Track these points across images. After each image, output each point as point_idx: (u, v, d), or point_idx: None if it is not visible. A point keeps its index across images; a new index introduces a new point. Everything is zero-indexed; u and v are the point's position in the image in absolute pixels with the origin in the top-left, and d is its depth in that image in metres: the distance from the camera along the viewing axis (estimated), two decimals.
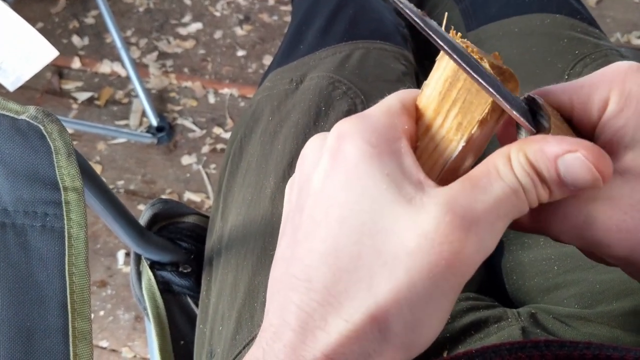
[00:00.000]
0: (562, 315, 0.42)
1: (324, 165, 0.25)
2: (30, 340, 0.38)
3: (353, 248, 0.23)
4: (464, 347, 0.40)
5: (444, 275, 0.23)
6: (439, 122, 0.25)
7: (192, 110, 1.28)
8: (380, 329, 0.23)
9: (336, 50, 0.55)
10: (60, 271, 0.39)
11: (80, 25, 1.41)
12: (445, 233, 0.22)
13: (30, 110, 0.40)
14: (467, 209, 0.23)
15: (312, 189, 0.25)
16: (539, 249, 0.46)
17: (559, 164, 0.23)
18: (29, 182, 0.40)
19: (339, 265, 0.23)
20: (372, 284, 0.23)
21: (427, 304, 0.23)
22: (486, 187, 0.23)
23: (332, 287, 0.23)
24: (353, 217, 0.23)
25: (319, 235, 0.24)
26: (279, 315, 0.24)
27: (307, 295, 0.24)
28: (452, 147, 0.25)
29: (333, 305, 0.23)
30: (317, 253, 0.24)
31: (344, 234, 0.23)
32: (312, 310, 0.23)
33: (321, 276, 0.23)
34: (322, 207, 0.24)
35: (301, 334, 0.23)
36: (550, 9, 0.59)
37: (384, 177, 0.23)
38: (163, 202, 0.55)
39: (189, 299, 0.54)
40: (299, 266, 0.24)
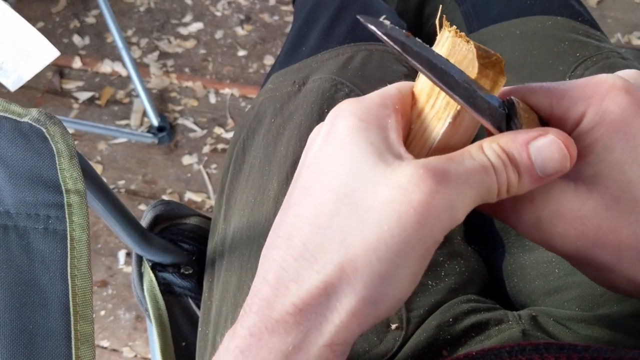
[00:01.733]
0: (562, 318, 0.42)
1: (318, 141, 0.27)
2: (33, 343, 0.38)
3: (332, 206, 0.25)
4: (464, 349, 0.40)
5: (413, 225, 0.24)
6: (430, 104, 0.27)
7: (193, 110, 1.28)
8: (348, 280, 0.24)
9: (339, 52, 0.55)
10: (62, 274, 0.39)
11: (81, 25, 1.41)
12: (415, 182, 0.24)
13: (33, 112, 0.40)
14: (439, 168, 0.24)
15: (306, 162, 0.27)
16: (540, 251, 0.46)
17: (530, 147, 0.25)
18: (32, 185, 0.40)
19: (317, 223, 0.25)
20: (345, 238, 0.24)
21: (396, 256, 0.24)
22: (458, 160, 0.25)
23: (308, 243, 0.25)
24: (336, 180, 0.25)
25: (306, 199, 0.26)
26: (261, 276, 0.26)
27: (285, 251, 0.25)
28: (439, 125, 0.27)
29: (308, 259, 0.24)
30: (301, 215, 0.25)
31: (326, 195, 0.25)
32: (288, 265, 0.25)
33: (300, 233, 0.25)
34: (313, 175, 0.26)
35: (275, 288, 0.25)
36: (551, 11, 0.59)
37: (368, 145, 0.25)
38: (165, 203, 0.55)
39: (190, 300, 0.54)
40: (284, 227, 0.26)
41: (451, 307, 0.42)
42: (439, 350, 0.40)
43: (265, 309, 0.25)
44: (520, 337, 0.39)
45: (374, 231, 0.24)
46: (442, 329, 0.40)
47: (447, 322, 0.41)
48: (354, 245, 0.24)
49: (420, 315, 0.41)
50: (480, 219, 0.53)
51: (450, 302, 0.43)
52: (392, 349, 0.40)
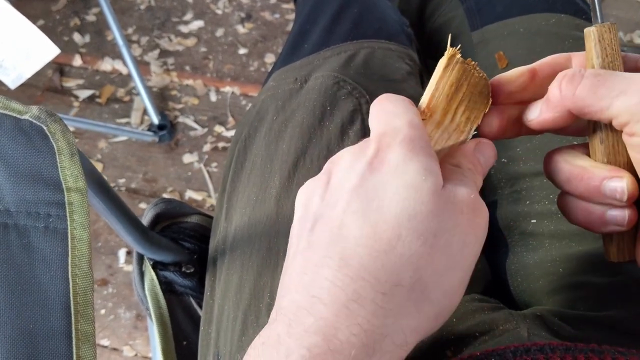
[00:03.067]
0: (567, 317, 0.41)
1: (361, 168, 0.27)
2: (33, 343, 0.37)
3: (392, 231, 0.25)
4: (468, 349, 0.40)
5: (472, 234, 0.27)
6: (448, 118, 0.31)
7: (193, 108, 1.28)
8: (417, 300, 0.24)
9: (341, 49, 0.55)
10: (63, 273, 0.39)
11: (82, 23, 1.41)
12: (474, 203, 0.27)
13: (33, 110, 0.39)
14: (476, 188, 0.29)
15: (347, 187, 0.27)
16: (544, 251, 0.46)
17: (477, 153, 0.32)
18: (32, 183, 0.39)
19: (376, 246, 0.25)
20: (411, 260, 0.25)
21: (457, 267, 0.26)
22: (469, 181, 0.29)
23: (369, 264, 0.25)
24: (393, 205, 0.26)
25: (357, 222, 0.26)
26: (304, 293, 0.25)
27: (340, 271, 0.25)
28: (463, 137, 0.32)
29: (367, 280, 0.24)
30: (355, 237, 0.25)
31: (384, 219, 0.25)
32: (345, 286, 0.24)
33: (357, 254, 0.25)
34: (361, 199, 0.26)
35: (334, 307, 0.24)
36: (555, 8, 0.59)
37: (424, 170, 0.27)
38: (166, 201, 0.54)
39: (191, 299, 0.54)
40: (333, 249, 0.26)
41: None
42: (443, 350, 0.39)
43: (327, 329, 0.24)
44: (524, 337, 0.39)
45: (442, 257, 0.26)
46: (446, 329, 0.40)
47: (450, 322, 0.40)
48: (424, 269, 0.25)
49: None
50: None
51: None
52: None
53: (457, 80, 0.31)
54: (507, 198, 0.51)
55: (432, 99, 0.31)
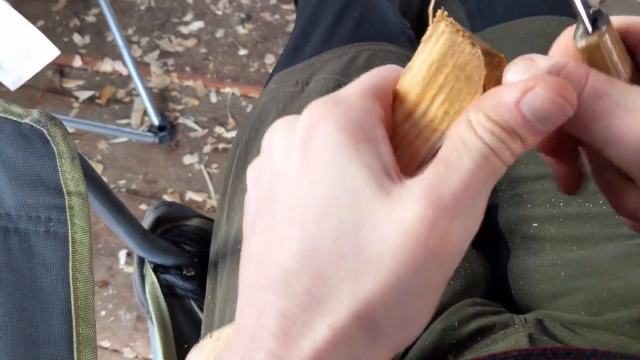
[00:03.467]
0: (569, 322, 0.41)
1: (295, 157, 0.23)
2: (34, 347, 0.37)
3: (332, 249, 0.22)
4: (470, 353, 0.39)
5: (432, 268, 0.21)
6: (422, 108, 0.24)
7: (193, 109, 1.28)
8: (368, 330, 0.22)
9: (342, 52, 0.55)
10: (64, 277, 0.38)
11: (81, 24, 1.41)
12: (429, 228, 0.21)
13: (34, 113, 0.39)
14: (445, 195, 0.21)
15: (284, 183, 0.23)
16: (545, 254, 0.46)
17: (521, 108, 0.21)
18: (33, 187, 0.39)
19: (318, 268, 0.22)
20: (356, 286, 0.21)
21: (415, 300, 0.22)
22: (457, 163, 0.21)
23: (313, 291, 0.22)
24: (330, 214, 0.22)
25: (296, 235, 0.22)
26: (255, 318, 0.23)
27: (286, 299, 0.22)
28: (436, 137, 0.23)
29: (316, 309, 0.22)
30: (294, 255, 0.22)
31: (322, 233, 0.22)
32: (294, 316, 0.22)
33: (301, 279, 0.22)
34: (297, 204, 0.22)
35: (284, 340, 0.22)
36: (556, 11, 0.59)
37: (362, 168, 0.21)
38: (167, 204, 0.54)
39: (192, 302, 0.54)
40: (275, 269, 0.23)
41: (456, 310, 0.42)
42: (445, 354, 0.39)
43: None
44: (526, 341, 0.39)
45: (389, 280, 0.21)
46: (448, 333, 0.40)
47: (452, 326, 0.40)
48: (368, 295, 0.21)
49: None
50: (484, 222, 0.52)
51: (455, 305, 0.42)
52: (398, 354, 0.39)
53: (440, 57, 0.23)
54: (508, 201, 0.51)
55: (404, 81, 0.24)
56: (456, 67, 0.23)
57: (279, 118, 0.25)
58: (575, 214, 0.46)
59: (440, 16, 0.23)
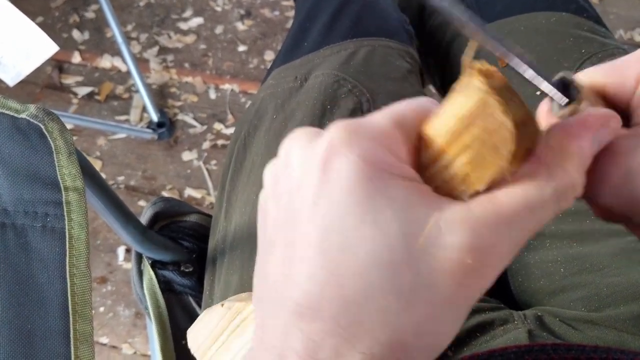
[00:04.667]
0: (568, 318, 0.41)
1: (314, 178, 0.22)
2: (31, 342, 0.37)
3: (360, 280, 0.21)
4: (469, 349, 0.39)
5: (466, 299, 0.21)
6: (444, 162, 0.22)
7: (192, 105, 1.28)
8: (398, 356, 0.22)
9: (341, 47, 0.55)
10: (61, 272, 0.38)
11: (81, 20, 1.40)
12: (470, 268, 0.20)
13: (31, 108, 0.39)
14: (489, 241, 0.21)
15: (304, 200, 0.22)
16: (545, 250, 0.46)
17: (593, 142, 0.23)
18: (30, 182, 0.39)
19: (345, 297, 0.21)
20: (388, 317, 0.21)
21: (444, 327, 0.22)
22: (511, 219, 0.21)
23: (341, 319, 0.21)
24: (355, 246, 0.21)
25: (318, 260, 0.21)
26: (281, 338, 0.23)
27: (313, 323, 0.22)
28: (454, 195, 0.22)
29: (344, 337, 0.21)
30: (318, 281, 0.21)
31: (346, 263, 0.21)
32: (321, 340, 0.22)
33: (325, 306, 0.21)
34: (318, 228, 0.22)
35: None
36: (556, 7, 0.58)
37: (388, 201, 0.21)
38: (165, 200, 0.54)
39: (190, 298, 0.54)
40: (299, 291, 0.22)
41: None
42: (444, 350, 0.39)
43: None
44: (525, 337, 0.38)
45: (422, 313, 0.21)
46: None
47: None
48: (403, 326, 0.21)
49: None
50: None
51: None
52: None
53: (469, 115, 0.21)
54: None
55: (433, 125, 0.23)
56: (485, 131, 0.21)
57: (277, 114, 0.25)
58: (575, 210, 0.46)
59: (477, 69, 0.21)
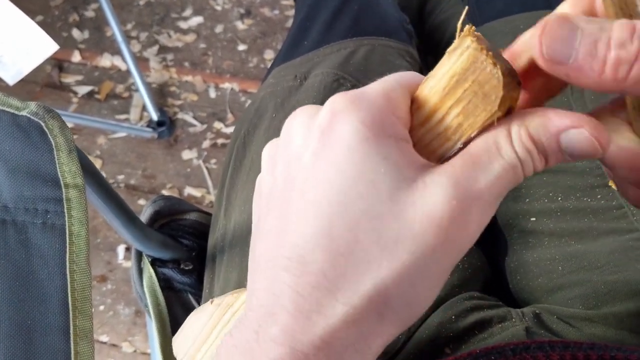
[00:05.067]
0: (566, 315, 0.41)
1: (314, 143, 0.24)
2: (31, 338, 0.37)
3: (349, 233, 0.23)
4: (467, 346, 0.40)
5: (446, 254, 0.23)
6: (437, 117, 0.25)
7: (192, 104, 1.28)
8: (380, 311, 0.23)
9: (341, 46, 0.55)
10: (61, 269, 0.38)
11: (80, 19, 1.40)
12: (451, 216, 0.22)
13: (31, 106, 0.39)
14: (470, 188, 0.23)
15: (302, 165, 0.24)
16: (543, 249, 0.46)
17: (561, 138, 0.23)
18: (30, 179, 0.39)
19: (334, 249, 0.23)
20: (371, 268, 0.23)
21: (426, 282, 0.23)
22: (487, 165, 0.23)
23: (328, 271, 0.23)
24: (349, 201, 0.23)
25: (312, 215, 0.23)
26: (270, 295, 0.24)
27: (301, 278, 0.23)
28: (447, 146, 0.25)
29: (329, 289, 0.23)
30: (310, 235, 0.23)
31: (339, 217, 0.23)
32: (308, 294, 0.23)
33: (315, 259, 0.23)
34: (315, 186, 0.23)
35: (298, 317, 0.23)
36: (556, 5, 0.58)
37: (382, 160, 0.23)
38: (164, 199, 0.54)
39: (190, 296, 0.54)
40: (290, 246, 0.23)
41: (454, 304, 0.42)
42: (442, 347, 0.39)
43: (291, 342, 0.23)
44: (523, 334, 0.39)
45: (405, 263, 0.22)
46: (445, 327, 0.40)
47: (449, 320, 0.40)
48: (383, 276, 0.22)
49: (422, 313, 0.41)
50: None
51: (453, 299, 0.42)
52: (395, 346, 0.39)
53: (462, 71, 0.24)
54: (506, 195, 0.51)
55: (425, 87, 0.25)
56: (475, 83, 0.24)
57: (276, 113, 0.26)
58: (574, 208, 0.46)
59: (468, 31, 0.24)
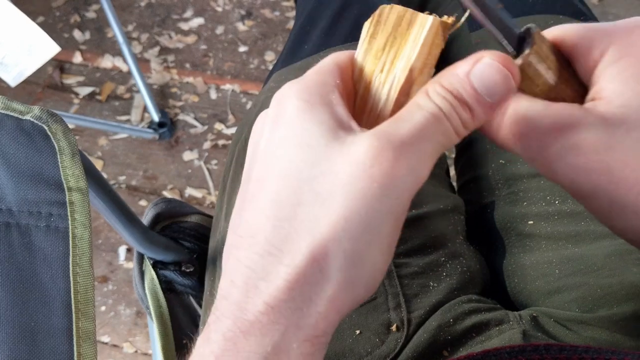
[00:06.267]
0: (563, 318, 0.42)
1: (267, 129, 0.26)
2: (35, 340, 0.38)
3: (292, 197, 0.24)
4: (465, 349, 0.40)
5: (378, 198, 0.23)
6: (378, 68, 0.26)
7: (193, 105, 1.28)
8: (321, 267, 0.23)
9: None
10: (64, 271, 0.39)
11: (82, 20, 1.41)
12: (373, 156, 0.23)
13: (35, 110, 0.40)
14: (392, 134, 0.24)
15: (257, 154, 0.26)
16: (541, 252, 0.47)
17: (471, 78, 0.24)
18: (34, 183, 0.40)
19: (279, 216, 0.24)
20: (311, 226, 0.23)
21: (366, 233, 0.23)
22: (408, 117, 0.24)
23: (272, 237, 0.23)
24: (291, 168, 0.24)
25: (263, 193, 0.24)
26: (227, 279, 0.25)
27: (249, 250, 0.24)
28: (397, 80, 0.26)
29: (274, 254, 0.23)
30: (260, 209, 0.24)
31: (284, 185, 0.24)
32: (253, 264, 0.24)
33: (262, 229, 0.24)
34: (266, 165, 0.25)
35: (244, 289, 0.24)
36: (553, 10, 0.59)
37: (318, 125, 0.24)
38: (166, 201, 0.55)
39: (191, 298, 0.55)
40: (244, 226, 0.25)
41: (452, 307, 0.42)
42: (440, 350, 0.40)
43: (237, 312, 0.24)
44: (520, 337, 0.39)
45: (339, 213, 0.23)
46: (443, 330, 0.40)
47: (447, 323, 0.41)
48: (321, 231, 0.23)
49: (420, 316, 0.41)
50: (481, 219, 0.53)
51: (451, 302, 0.43)
52: (393, 350, 0.40)
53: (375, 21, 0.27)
54: (504, 199, 0.51)
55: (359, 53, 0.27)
56: (393, 25, 0.26)
57: None
58: (571, 212, 0.47)
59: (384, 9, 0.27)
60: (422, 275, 0.44)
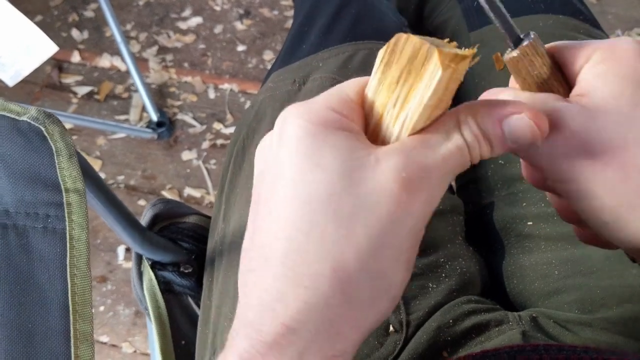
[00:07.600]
0: (562, 319, 0.42)
1: (273, 151, 0.25)
2: (32, 342, 0.38)
3: (305, 218, 0.23)
4: (464, 350, 0.40)
5: (402, 220, 0.24)
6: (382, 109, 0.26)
7: (192, 105, 1.28)
8: (344, 289, 0.23)
9: (339, 50, 0.55)
10: (61, 273, 0.39)
11: (80, 19, 1.40)
12: (402, 185, 0.24)
13: (32, 111, 0.40)
14: (419, 165, 0.24)
15: (266, 174, 0.26)
16: (540, 253, 0.46)
17: (504, 124, 0.26)
18: (31, 184, 0.39)
19: (292, 238, 0.23)
20: (330, 247, 0.23)
21: (388, 252, 0.24)
22: (435, 146, 0.25)
23: (286, 259, 0.23)
24: (302, 190, 0.24)
25: (273, 215, 0.24)
26: (242, 302, 0.25)
27: (263, 272, 0.24)
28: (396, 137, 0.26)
29: (289, 277, 0.23)
30: (271, 232, 0.24)
31: (295, 207, 0.24)
32: (268, 286, 0.24)
33: (275, 251, 0.24)
34: (274, 187, 0.25)
35: (259, 311, 0.24)
36: (552, 9, 0.59)
37: (330, 147, 0.24)
38: (164, 202, 0.55)
39: (190, 299, 0.54)
40: (256, 249, 0.25)
41: (451, 308, 0.42)
42: (439, 351, 0.40)
43: (254, 334, 0.24)
44: (520, 338, 0.39)
45: (361, 236, 0.23)
46: (443, 331, 0.40)
47: (447, 324, 0.41)
48: (343, 252, 0.23)
49: (419, 318, 0.41)
50: (480, 220, 0.53)
51: (451, 303, 0.43)
52: (392, 352, 0.40)
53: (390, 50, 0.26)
54: (503, 200, 0.51)
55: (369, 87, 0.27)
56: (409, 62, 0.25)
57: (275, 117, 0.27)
58: None
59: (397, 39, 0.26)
60: (421, 277, 0.44)
